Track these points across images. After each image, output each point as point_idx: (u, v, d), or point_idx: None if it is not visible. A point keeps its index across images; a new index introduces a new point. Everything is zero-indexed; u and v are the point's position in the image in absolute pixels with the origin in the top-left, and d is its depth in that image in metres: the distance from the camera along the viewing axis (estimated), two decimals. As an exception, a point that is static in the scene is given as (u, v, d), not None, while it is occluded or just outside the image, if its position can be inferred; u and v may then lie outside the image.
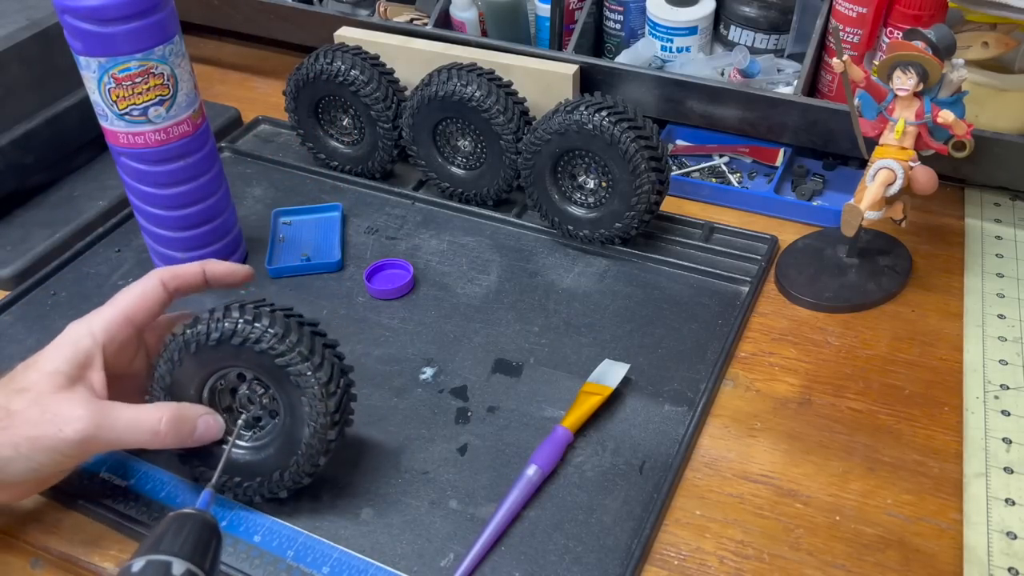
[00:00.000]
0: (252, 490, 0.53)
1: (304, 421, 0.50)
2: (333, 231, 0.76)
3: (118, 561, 0.52)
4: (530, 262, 0.72)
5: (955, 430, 0.57)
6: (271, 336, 0.49)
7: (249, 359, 0.50)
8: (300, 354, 0.49)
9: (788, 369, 0.62)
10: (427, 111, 0.74)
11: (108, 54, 0.58)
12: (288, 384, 0.50)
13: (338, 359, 0.52)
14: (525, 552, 0.51)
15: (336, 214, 0.77)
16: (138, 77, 0.60)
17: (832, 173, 0.78)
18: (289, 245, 0.74)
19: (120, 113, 0.61)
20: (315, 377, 0.50)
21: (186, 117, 0.63)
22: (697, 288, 0.68)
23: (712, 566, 0.51)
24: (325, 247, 0.74)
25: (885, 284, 0.67)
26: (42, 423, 0.46)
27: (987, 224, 0.73)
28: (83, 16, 0.57)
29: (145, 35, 0.59)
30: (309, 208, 0.78)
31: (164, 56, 0.60)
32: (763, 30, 0.84)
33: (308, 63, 0.78)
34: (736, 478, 0.55)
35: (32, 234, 0.76)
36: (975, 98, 0.69)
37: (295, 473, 0.51)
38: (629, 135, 0.66)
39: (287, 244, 0.74)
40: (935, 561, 0.50)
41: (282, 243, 0.74)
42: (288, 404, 0.51)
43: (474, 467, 0.56)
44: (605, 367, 0.61)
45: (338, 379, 0.51)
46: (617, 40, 0.88)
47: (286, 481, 0.52)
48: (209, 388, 0.52)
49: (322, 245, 0.74)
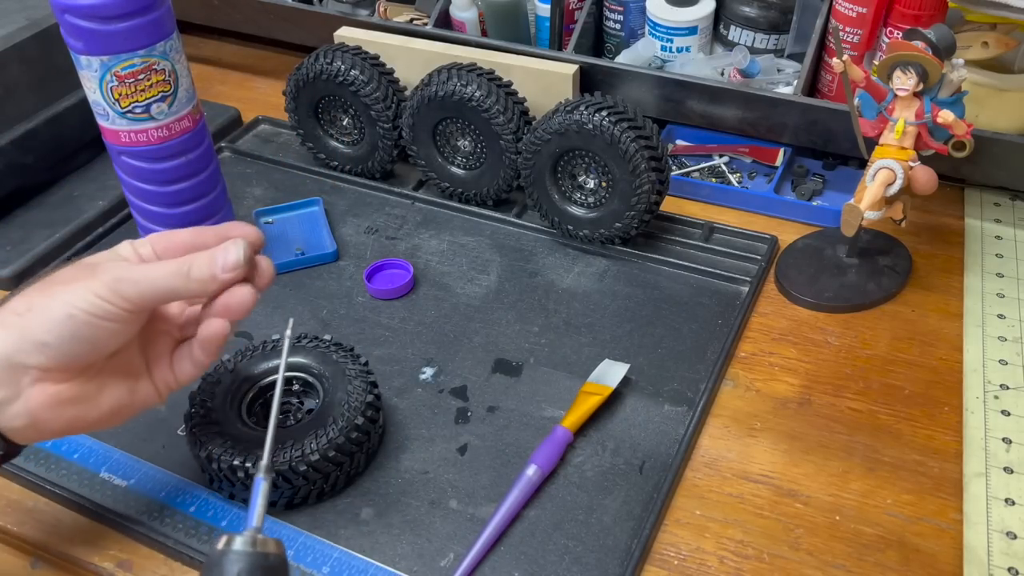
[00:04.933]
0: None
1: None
2: (319, 224, 0.76)
3: (118, 561, 0.52)
4: (530, 262, 0.72)
5: (955, 430, 0.57)
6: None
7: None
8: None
9: (788, 369, 0.62)
10: (427, 111, 0.74)
11: (110, 52, 0.58)
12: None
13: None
14: (525, 552, 0.51)
15: (316, 208, 0.77)
16: (140, 74, 0.60)
17: (832, 173, 0.78)
18: (279, 242, 0.74)
19: (122, 111, 0.61)
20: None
21: (187, 113, 0.64)
22: (697, 288, 0.68)
23: (712, 566, 0.51)
24: (316, 240, 0.74)
25: (885, 284, 0.67)
26: (79, 276, 0.45)
27: (987, 224, 0.73)
28: (84, 15, 0.57)
29: (147, 32, 0.59)
30: (288, 205, 0.78)
31: (165, 52, 0.60)
32: (763, 30, 0.84)
33: (308, 63, 0.78)
34: (736, 478, 0.55)
35: (32, 234, 0.76)
36: (975, 98, 0.69)
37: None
38: (629, 135, 0.66)
39: (277, 241, 0.75)
40: (935, 561, 0.50)
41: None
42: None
43: (474, 467, 0.56)
44: (605, 367, 0.61)
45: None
46: (617, 40, 0.88)
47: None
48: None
49: (312, 238, 0.75)
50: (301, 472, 0.52)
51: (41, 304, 0.44)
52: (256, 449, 0.52)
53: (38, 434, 0.46)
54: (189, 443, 0.54)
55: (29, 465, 0.57)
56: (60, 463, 0.57)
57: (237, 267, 0.46)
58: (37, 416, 0.45)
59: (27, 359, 0.44)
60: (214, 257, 0.46)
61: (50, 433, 0.46)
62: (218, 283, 0.46)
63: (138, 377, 0.49)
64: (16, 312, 0.44)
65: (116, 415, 0.48)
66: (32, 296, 0.45)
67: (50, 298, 0.44)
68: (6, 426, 0.45)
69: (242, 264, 0.46)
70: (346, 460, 0.54)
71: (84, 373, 0.46)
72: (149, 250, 0.48)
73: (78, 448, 0.58)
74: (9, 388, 0.44)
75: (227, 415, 0.54)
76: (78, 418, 0.46)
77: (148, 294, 0.45)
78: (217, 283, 0.46)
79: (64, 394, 0.45)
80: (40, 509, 0.56)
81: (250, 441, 0.53)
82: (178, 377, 0.50)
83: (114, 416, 0.48)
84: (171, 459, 0.57)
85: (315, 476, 0.53)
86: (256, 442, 0.52)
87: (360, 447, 0.54)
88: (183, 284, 0.45)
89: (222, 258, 0.46)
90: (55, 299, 0.44)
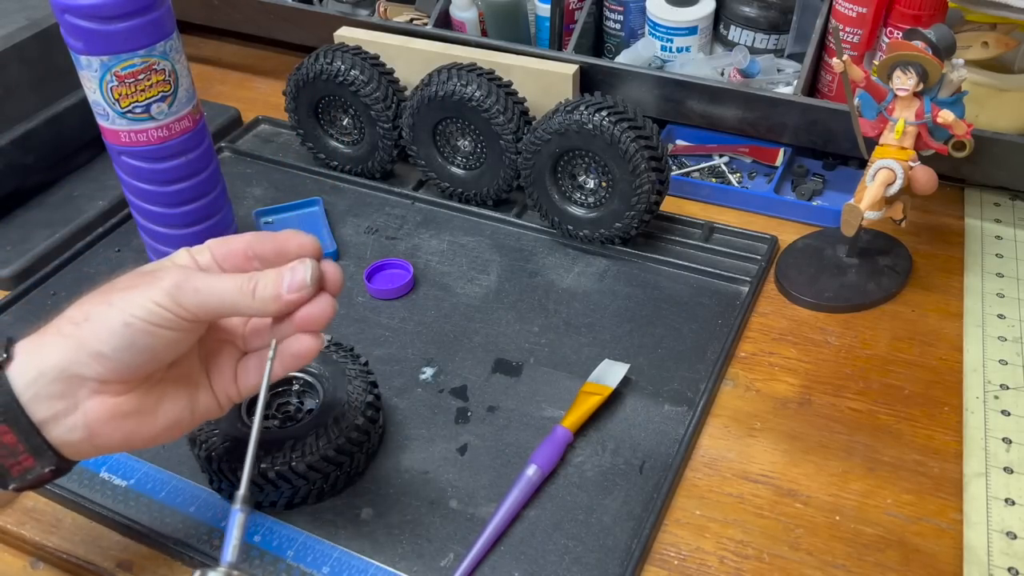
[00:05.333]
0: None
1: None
2: (319, 224, 0.76)
3: (118, 561, 0.52)
4: (530, 262, 0.72)
5: (955, 430, 0.57)
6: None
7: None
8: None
9: (788, 369, 0.62)
10: (427, 111, 0.74)
11: (110, 52, 0.58)
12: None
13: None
14: (525, 552, 0.51)
15: (317, 208, 0.77)
16: (141, 74, 0.60)
17: (832, 173, 0.78)
18: None
19: (122, 111, 0.61)
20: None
21: (187, 113, 0.64)
22: (697, 288, 0.68)
23: (712, 566, 0.51)
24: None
25: (885, 284, 0.67)
26: (138, 283, 0.43)
27: (987, 224, 0.73)
28: (84, 15, 0.57)
29: (147, 32, 0.59)
30: (288, 205, 0.78)
31: (165, 52, 0.60)
32: (763, 30, 0.84)
33: (308, 63, 0.78)
34: (736, 478, 0.55)
35: (32, 234, 0.76)
36: (975, 98, 0.69)
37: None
38: (629, 135, 0.66)
39: None
40: (935, 561, 0.50)
41: None
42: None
43: (474, 467, 0.56)
44: (605, 367, 0.61)
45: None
46: (617, 40, 0.88)
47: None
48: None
49: None
50: (301, 472, 0.52)
51: (98, 313, 0.42)
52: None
53: (94, 449, 0.44)
54: (189, 443, 0.54)
55: (29, 465, 0.57)
56: (60, 463, 0.57)
57: (303, 288, 0.44)
58: (95, 430, 0.43)
59: (85, 370, 0.42)
60: (281, 277, 0.44)
61: (106, 448, 0.45)
62: (282, 303, 0.44)
63: (198, 388, 0.47)
64: (73, 321, 0.43)
65: (174, 428, 0.46)
66: (90, 305, 0.43)
67: (108, 306, 0.42)
68: (62, 439, 0.43)
69: (308, 286, 0.44)
70: (346, 460, 0.54)
71: (143, 385, 0.44)
72: (208, 257, 0.46)
73: (78, 448, 0.58)
74: (66, 400, 0.43)
75: (227, 415, 0.54)
76: (135, 432, 0.45)
77: (209, 305, 0.43)
78: (282, 303, 0.44)
79: (123, 407, 0.44)
80: (40, 509, 0.56)
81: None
82: (241, 389, 0.48)
83: (172, 429, 0.46)
84: (171, 459, 0.57)
85: (315, 476, 0.53)
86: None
87: (360, 447, 0.54)
88: (246, 302, 0.44)
89: (289, 278, 0.44)
90: (113, 307, 0.42)
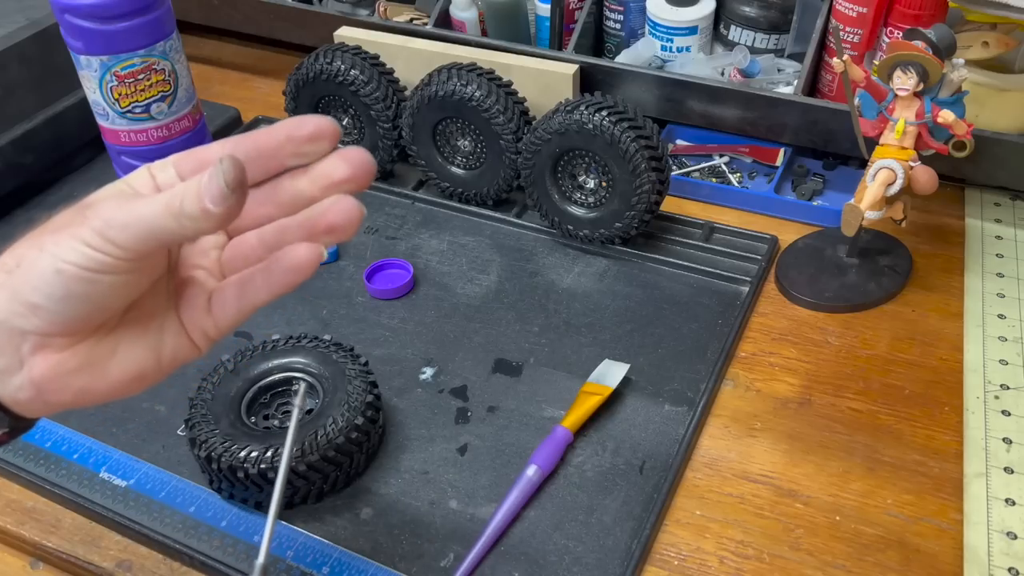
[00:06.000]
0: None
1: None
2: None
3: (118, 561, 0.52)
4: (530, 262, 0.72)
5: (955, 430, 0.57)
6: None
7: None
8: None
9: (788, 369, 0.62)
10: (427, 111, 0.74)
11: (110, 52, 0.58)
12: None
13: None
14: (525, 552, 0.51)
15: None
16: (140, 74, 0.60)
17: (832, 173, 0.78)
18: None
19: (122, 111, 0.61)
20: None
21: (187, 112, 0.64)
22: (697, 288, 0.68)
23: (712, 566, 0.51)
24: None
25: (885, 284, 0.67)
26: (72, 220, 0.36)
27: (987, 224, 0.73)
28: (84, 15, 0.57)
29: (146, 32, 0.59)
30: None
31: (165, 52, 0.60)
32: (763, 30, 0.84)
33: (308, 63, 0.78)
34: (736, 478, 0.55)
35: (32, 234, 0.76)
36: (975, 98, 0.69)
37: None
38: (629, 135, 0.66)
39: None
40: (935, 561, 0.50)
41: None
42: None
43: (474, 467, 0.56)
44: (605, 367, 0.61)
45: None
46: (617, 40, 0.88)
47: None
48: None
49: None
50: (301, 472, 0.52)
51: (30, 259, 0.36)
52: (256, 446, 0.52)
53: (47, 406, 0.39)
54: (189, 443, 0.54)
55: (29, 465, 0.57)
56: (60, 463, 0.57)
57: (226, 197, 0.34)
58: (43, 387, 0.38)
59: (23, 323, 0.36)
60: (199, 186, 0.34)
61: (61, 405, 0.39)
62: (215, 219, 0.34)
63: (163, 331, 0.39)
64: (6, 269, 0.37)
65: (138, 380, 0.39)
66: (23, 248, 0.37)
67: (39, 251, 0.36)
68: (11, 399, 0.38)
69: (229, 192, 0.34)
70: (346, 460, 0.54)
71: (94, 335, 0.38)
72: (172, 174, 0.38)
73: (78, 448, 0.58)
74: (9, 356, 0.37)
75: (227, 415, 0.54)
76: (89, 387, 0.38)
77: (143, 238, 0.35)
78: (214, 219, 0.34)
79: (69, 362, 0.37)
80: (40, 509, 0.56)
81: (250, 441, 0.53)
82: (218, 323, 0.40)
83: (135, 381, 0.39)
84: (171, 459, 0.57)
85: (315, 476, 0.53)
86: (256, 441, 0.52)
87: (360, 447, 0.54)
88: (176, 225, 0.34)
89: (206, 188, 0.34)
90: (44, 252, 0.35)
